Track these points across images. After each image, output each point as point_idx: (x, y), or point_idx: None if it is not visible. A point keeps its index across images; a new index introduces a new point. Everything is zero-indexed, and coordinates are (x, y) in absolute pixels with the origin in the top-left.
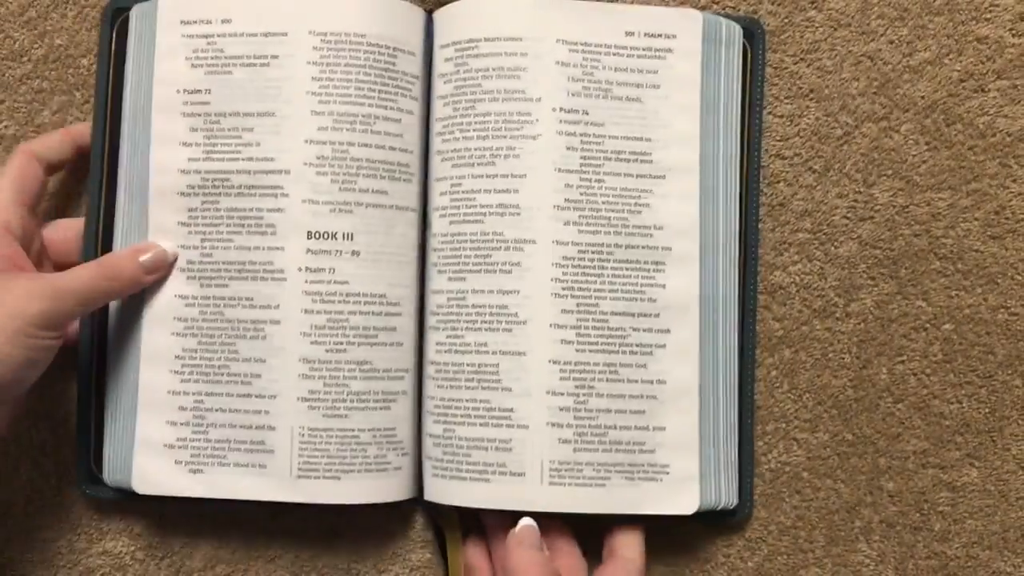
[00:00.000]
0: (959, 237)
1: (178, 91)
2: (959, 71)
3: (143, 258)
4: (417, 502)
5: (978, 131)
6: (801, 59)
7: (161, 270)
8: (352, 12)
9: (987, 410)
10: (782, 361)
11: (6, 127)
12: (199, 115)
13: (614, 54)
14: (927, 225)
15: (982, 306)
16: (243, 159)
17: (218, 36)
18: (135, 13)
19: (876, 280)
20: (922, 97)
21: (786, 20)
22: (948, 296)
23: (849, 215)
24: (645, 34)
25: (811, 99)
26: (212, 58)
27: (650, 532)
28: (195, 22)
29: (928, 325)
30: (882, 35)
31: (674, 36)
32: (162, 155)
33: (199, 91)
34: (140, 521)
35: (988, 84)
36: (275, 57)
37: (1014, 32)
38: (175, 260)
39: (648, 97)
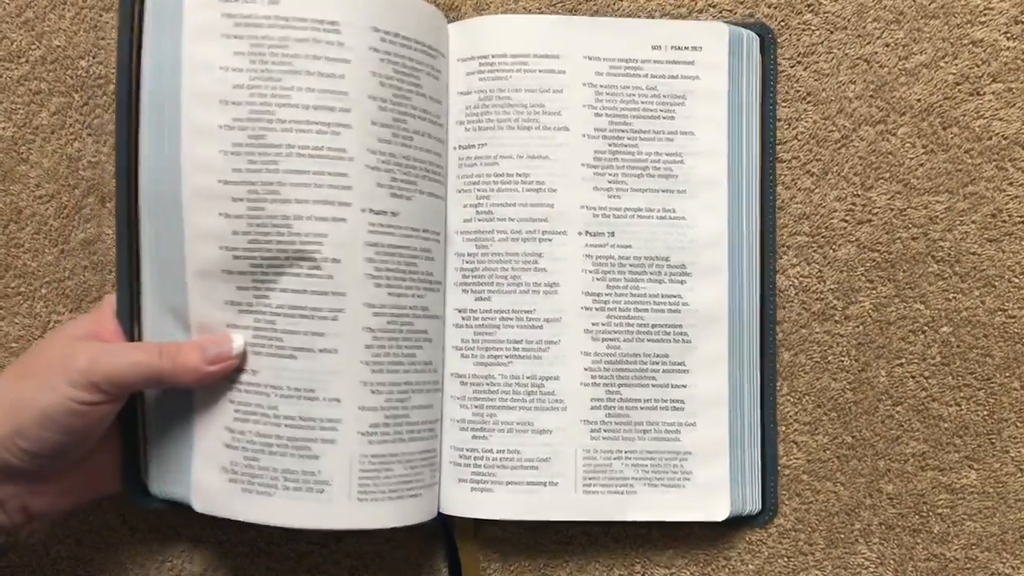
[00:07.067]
0: (956, 240)
1: (216, 80)
2: (955, 74)
3: (208, 351)
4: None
5: (974, 134)
6: (798, 62)
7: (225, 362)
8: (410, 15)
9: (985, 412)
10: (781, 364)
11: (4, 129)
12: (242, 103)
13: (641, 69)
14: (925, 228)
15: (980, 309)
16: (295, 156)
17: (263, 19)
18: None
19: (874, 283)
20: (918, 100)
21: (782, 23)
22: (946, 299)
23: (847, 218)
24: (672, 47)
25: (808, 102)
26: (256, 43)
27: (651, 536)
28: (235, 0)
29: (926, 328)
30: (878, 38)
31: (700, 48)
32: (199, 151)
33: (241, 85)
34: (141, 525)
35: (983, 87)
36: (332, 47)
37: (1009, 35)
38: (243, 354)
39: (676, 111)
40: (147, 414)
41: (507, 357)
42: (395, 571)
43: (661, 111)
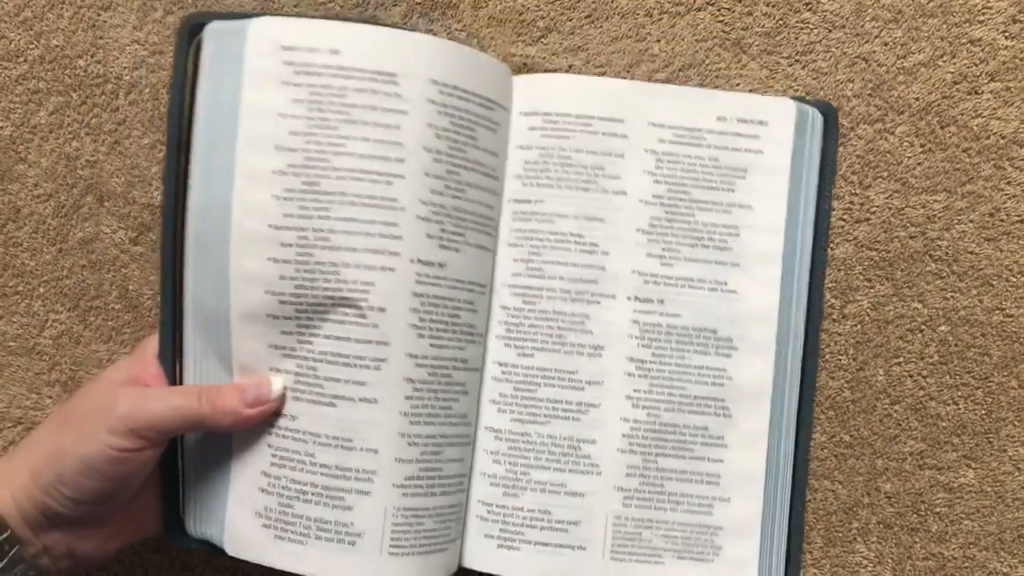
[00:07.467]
0: (954, 239)
1: (273, 125)
2: (953, 73)
3: (247, 393)
4: None
5: (972, 133)
6: (796, 61)
7: (264, 405)
8: (471, 68)
9: (983, 412)
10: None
11: (2, 128)
12: (297, 150)
13: (705, 139)
14: (922, 227)
15: (977, 308)
16: (348, 204)
17: (323, 68)
18: (212, 31)
19: (872, 282)
20: (916, 99)
21: (780, 22)
22: (944, 298)
23: (845, 217)
24: (737, 120)
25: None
26: (315, 92)
27: None
28: (297, 48)
29: (924, 327)
30: (876, 37)
31: (766, 123)
32: (251, 195)
33: (298, 132)
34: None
35: (982, 86)
36: (390, 98)
37: (1007, 35)
38: (282, 397)
39: (736, 184)
40: (187, 454)
41: (545, 416)
42: None
43: (721, 182)
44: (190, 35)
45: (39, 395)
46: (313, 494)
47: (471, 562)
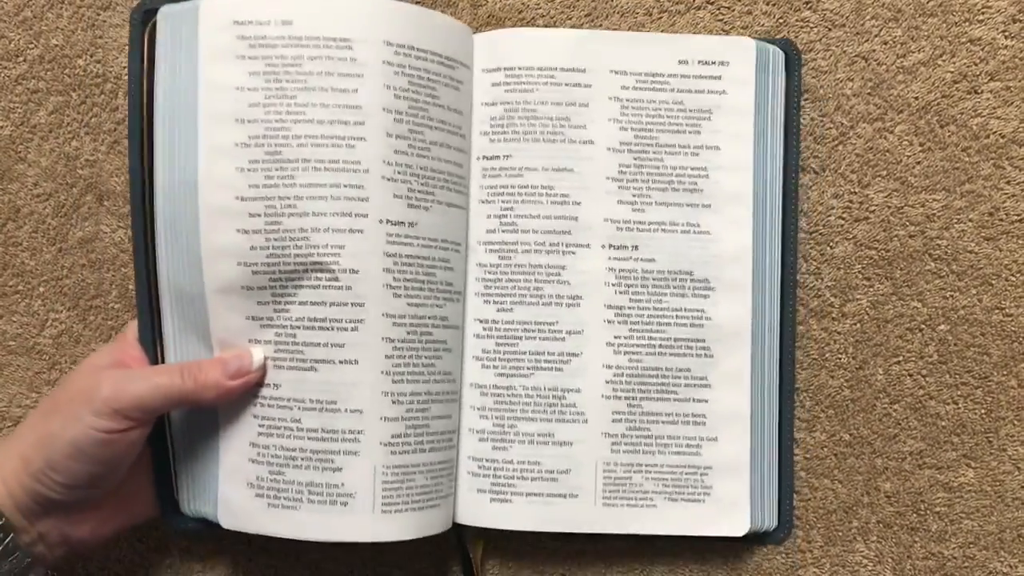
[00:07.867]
0: (953, 238)
1: (232, 99)
2: (952, 72)
3: (228, 366)
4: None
5: (971, 132)
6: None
7: (246, 376)
8: (426, 28)
9: (983, 411)
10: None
11: (2, 127)
12: (257, 121)
13: (668, 83)
14: (922, 226)
15: (977, 307)
16: (311, 170)
17: (277, 39)
18: (165, 14)
19: (871, 281)
20: (916, 98)
21: (780, 21)
22: (943, 297)
23: (844, 215)
24: (699, 62)
25: (806, 99)
26: (270, 63)
27: (656, 541)
28: (250, 23)
29: (923, 326)
30: (876, 36)
31: (727, 64)
32: (215, 169)
33: (257, 104)
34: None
35: (981, 85)
36: (345, 62)
37: (1007, 34)
38: (263, 367)
39: (702, 126)
40: (175, 433)
41: (528, 368)
42: None
43: (687, 125)
44: (143, 21)
45: (39, 394)
46: (302, 459)
47: (464, 517)
